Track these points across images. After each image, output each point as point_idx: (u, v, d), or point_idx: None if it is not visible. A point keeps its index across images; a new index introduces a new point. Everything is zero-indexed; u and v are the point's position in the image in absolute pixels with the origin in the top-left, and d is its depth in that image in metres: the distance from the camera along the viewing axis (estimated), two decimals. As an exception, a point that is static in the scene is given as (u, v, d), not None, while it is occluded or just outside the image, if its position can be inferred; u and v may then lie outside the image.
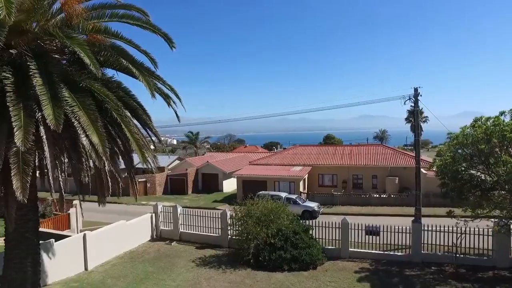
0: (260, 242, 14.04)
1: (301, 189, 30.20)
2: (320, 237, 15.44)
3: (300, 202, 25.58)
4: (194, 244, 17.06)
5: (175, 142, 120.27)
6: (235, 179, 33.21)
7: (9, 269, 9.29)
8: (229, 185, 37.64)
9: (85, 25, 8.39)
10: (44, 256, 12.27)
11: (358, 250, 14.91)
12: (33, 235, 9.52)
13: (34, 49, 7.89)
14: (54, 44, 8.62)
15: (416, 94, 16.78)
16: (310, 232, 15.09)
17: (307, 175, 32.13)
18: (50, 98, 6.64)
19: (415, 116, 17.41)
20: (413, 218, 16.89)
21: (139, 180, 36.53)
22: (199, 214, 17.97)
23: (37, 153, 8.02)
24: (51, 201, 20.63)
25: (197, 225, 17.87)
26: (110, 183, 9.67)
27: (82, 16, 8.35)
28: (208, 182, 39.01)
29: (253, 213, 14.85)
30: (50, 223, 17.99)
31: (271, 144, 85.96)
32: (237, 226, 15.64)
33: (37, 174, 9.29)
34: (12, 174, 6.70)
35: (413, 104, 16.98)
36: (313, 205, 25.42)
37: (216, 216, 17.29)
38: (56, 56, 8.75)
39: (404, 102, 17.03)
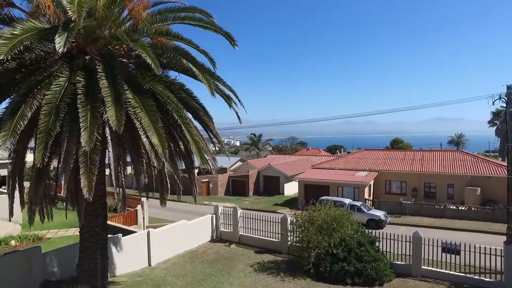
0: (322, 252, 13.25)
1: (366, 196, 28.45)
2: (388, 250, 14.11)
3: (365, 209, 24.04)
4: (253, 248, 16.83)
5: (238, 143, 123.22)
6: (297, 182, 32.53)
7: (83, 259, 9.90)
8: (291, 189, 37.06)
9: (150, 29, 8.60)
10: (113, 249, 13.01)
11: (433, 269, 13.23)
12: (102, 230, 10.04)
13: (104, 54, 8.26)
14: (122, 49, 8.98)
15: (509, 92, 14.52)
16: (377, 244, 13.88)
17: (372, 181, 30.20)
18: (113, 100, 6.83)
19: (507, 118, 15.07)
20: (503, 237, 14.56)
21: (202, 180, 37.81)
22: (259, 218, 17.70)
23: (103, 153, 8.39)
24: (121, 197, 22.10)
25: (256, 228, 17.64)
26: (169, 184, 9.80)
27: (147, 20, 8.58)
28: (269, 185, 38.89)
29: (315, 220, 14.12)
30: (120, 218, 19.21)
31: (335, 147, 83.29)
32: (297, 233, 15.03)
33: (105, 173, 9.75)
34: (80, 173, 7.01)
35: (504, 105, 14.72)
36: (380, 213, 23.69)
37: (276, 221, 16.87)
38: (124, 60, 9.11)
39: (493, 102, 14.90)
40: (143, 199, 20.09)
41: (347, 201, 24.78)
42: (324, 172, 32.40)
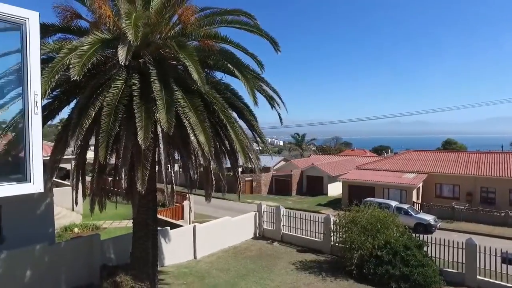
0: (365, 253, 13.01)
1: (414, 199, 27.22)
2: (437, 256, 13.47)
3: (412, 213, 23.04)
4: (295, 247, 16.92)
5: (281, 143, 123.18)
6: (341, 183, 31.96)
7: (135, 248, 10.69)
8: (334, 189, 36.48)
9: (198, 32, 9.04)
10: (162, 241, 13.83)
11: (491, 280, 12.29)
12: (153, 222, 10.75)
13: (156, 58, 8.87)
14: (172, 52, 9.54)
15: None
16: (425, 248, 13.31)
17: (421, 183, 28.81)
18: (164, 103, 7.33)
19: None
20: None
21: (246, 178, 38.46)
22: (301, 217, 17.77)
23: (157, 150, 9.01)
24: (169, 192, 23.27)
25: (299, 227, 17.71)
26: (214, 181, 10.24)
27: (195, 24, 9.03)
28: (313, 185, 38.58)
29: (358, 221, 13.88)
30: (168, 212, 20.27)
31: (381, 148, 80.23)
32: (340, 233, 14.87)
33: (156, 169, 10.43)
34: (135, 168, 7.63)
35: None
36: (429, 218, 22.57)
37: (319, 221, 16.81)
38: (173, 62, 9.68)
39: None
40: (189, 195, 21.00)
41: (394, 203, 23.91)
42: (369, 173, 31.48)
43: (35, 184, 2.32)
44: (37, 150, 2.34)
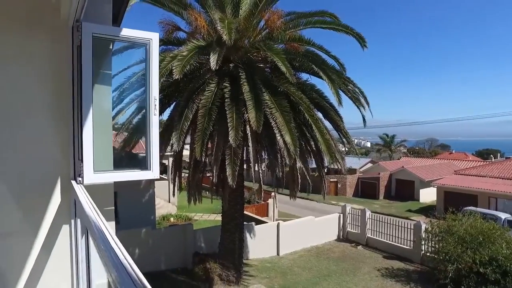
0: (463, 267, 11.74)
1: (530, 212, 23.35)
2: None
3: (528, 228, 19.80)
4: (381, 252, 16.13)
5: (368, 144, 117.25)
6: (435, 188, 29.19)
7: (224, 239, 11.56)
8: (427, 195, 33.46)
9: (283, 36, 9.40)
10: (247, 235, 14.59)
11: None
12: (240, 216, 11.48)
13: (244, 62, 9.48)
14: (259, 56, 10.08)
15: None
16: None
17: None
18: (253, 104, 7.86)
19: None
20: None
21: (331, 179, 37.77)
22: (388, 222, 16.85)
23: (244, 148, 9.64)
24: (255, 190, 24.26)
25: (385, 232, 16.83)
26: (299, 180, 10.46)
27: (281, 28, 9.41)
28: (402, 189, 36.01)
29: (455, 231, 12.59)
30: (253, 209, 21.18)
31: (487, 152, 70.41)
32: (433, 242, 13.70)
33: (244, 167, 11.11)
34: (226, 164, 8.32)
35: None
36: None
37: (408, 227, 15.74)
38: (261, 65, 10.20)
39: None
40: (274, 193, 21.61)
41: (503, 215, 20.88)
42: (470, 179, 28.05)
43: (154, 172, 2.85)
44: (155, 145, 2.87)
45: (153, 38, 2.83)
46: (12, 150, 2.53)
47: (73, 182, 2.65)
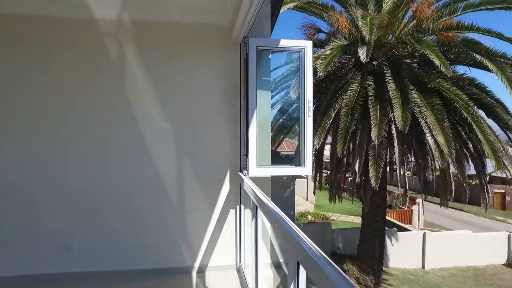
0: None
1: None
2: None
3: None
4: None
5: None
6: None
7: (363, 242, 11.26)
8: None
9: (434, 26, 8.51)
10: (388, 241, 13.74)
11: None
12: (381, 220, 10.95)
13: (389, 58, 9.00)
14: (406, 51, 9.39)
15: None
16: None
17: None
18: (399, 102, 7.42)
19: None
20: None
21: (495, 190, 31.55)
22: None
23: (388, 150, 9.17)
24: (397, 195, 22.51)
25: None
26: (453, 187, 9.26)
27: (432, 17, 8.53)
28: None
29: None
30: (395, 214, 19.70)
31: None
32: None
33: (387, 169, 10.55)
34: (369, 165, 8.13)
35: None
36: None
37: None
38: (407, 61, 9.48)
39: None
40: (418, 200, 19.63)
41: None
42: None
43: (307, 168, 3.15)
44: (309, 144, 3.16)
45: (307, 45, 3.13)
46: (199, 149, 3.31)
47: (240, 174, 3.21)
